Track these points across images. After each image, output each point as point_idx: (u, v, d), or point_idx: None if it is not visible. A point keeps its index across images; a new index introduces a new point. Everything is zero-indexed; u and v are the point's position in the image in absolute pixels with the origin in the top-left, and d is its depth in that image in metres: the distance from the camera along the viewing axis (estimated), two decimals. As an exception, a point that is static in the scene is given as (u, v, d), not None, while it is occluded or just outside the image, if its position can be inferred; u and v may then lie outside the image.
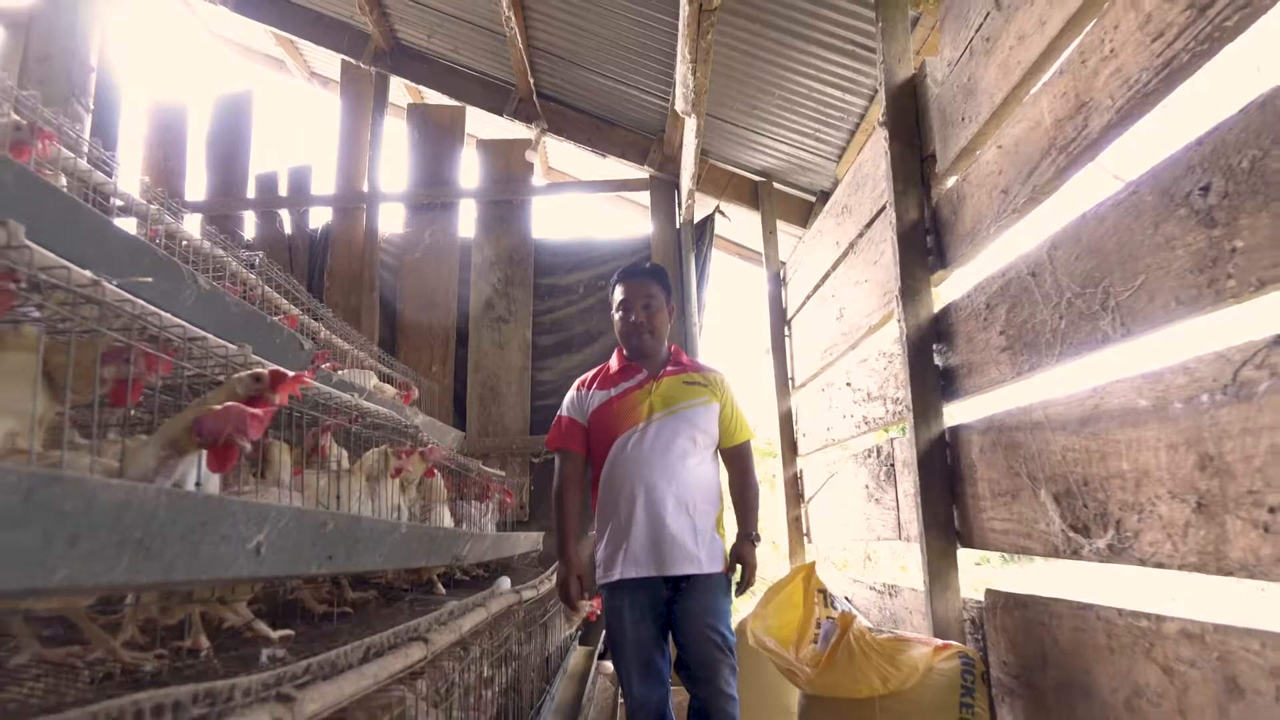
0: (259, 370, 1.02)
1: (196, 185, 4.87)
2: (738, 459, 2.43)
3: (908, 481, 2.49)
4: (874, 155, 2.78)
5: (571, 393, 2.46)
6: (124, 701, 0.58)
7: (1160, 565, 1.39)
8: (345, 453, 1.90)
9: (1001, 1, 1.92)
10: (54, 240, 0.99)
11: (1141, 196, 1.43)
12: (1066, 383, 1.69)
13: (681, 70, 3.00)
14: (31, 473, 0.59)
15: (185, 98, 5.08)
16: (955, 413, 2.33)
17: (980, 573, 9.51)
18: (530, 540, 3.51)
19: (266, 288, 2.25)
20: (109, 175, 1.98)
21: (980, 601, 2.11)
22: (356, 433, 1.88)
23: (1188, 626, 1.33)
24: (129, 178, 2.34)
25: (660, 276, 2.45)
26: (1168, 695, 1.38)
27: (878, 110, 2.56)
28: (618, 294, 2.41)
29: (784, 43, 3.37)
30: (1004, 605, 1.98)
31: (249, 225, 4.80)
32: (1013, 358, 1.90)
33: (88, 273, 0.92)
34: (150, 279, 0.92)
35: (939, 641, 1.99)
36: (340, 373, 2.73)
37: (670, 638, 2.23)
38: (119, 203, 2.12)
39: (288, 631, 1.31)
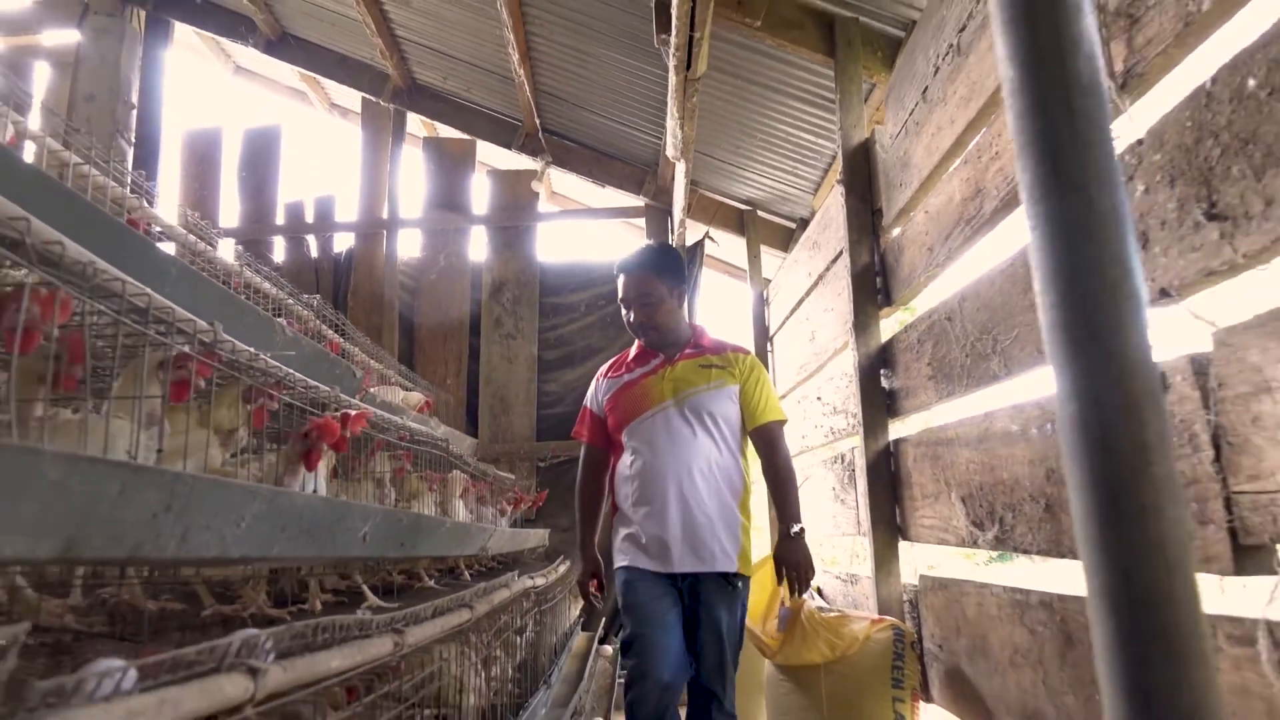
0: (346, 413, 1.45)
1: (230, 211, 5.31)
2: (765, 442, 2.26)
3: (864, 485, 2.93)
4: (836, 202, 3.22)
5: (592, 384, 2.42)
6: (325, 620, 1.01)
7: (1026, 552, 1.82)
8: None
9: (927, 96, 2.36)
10: (197, 310, 1.42)
11: (1016, 268, 1.86)
12: (971, 409, 2.12)
13: (671, 125, 3.44)
14: (273, 489, 1.03)
15: (217, 125, 5.51)
16: (899, 427, 2.76)
17: (966, 566, 9.93)
18: (538, 536, 3.95)
19: (322, 326, 2.68)
20: (151, 205, 2.40)
21: (916, 585, 2.55)
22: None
23: (1043, 597, 1.77)
24: (169, 206, 2.74)
25: (658, 265, 2.27)
26: (1033, 650, 1.81)
27: (842, 160, 3.00)
28: (618, 288, 2.30)
29: (763, 95, 3.80)
30: (931, 587, 2.41)
31: (278, 249, 5.23)
32: (936, 385, 2.33)
33: (250, 349, 1.35)
34: (293, 353, 1.35)
35: (876, 616, 2.43)
36: (372, 390, 3.17)
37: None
38: (158, 229, 2.55)
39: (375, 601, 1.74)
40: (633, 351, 2.37)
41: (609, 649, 4.10)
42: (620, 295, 2.29)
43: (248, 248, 4.99)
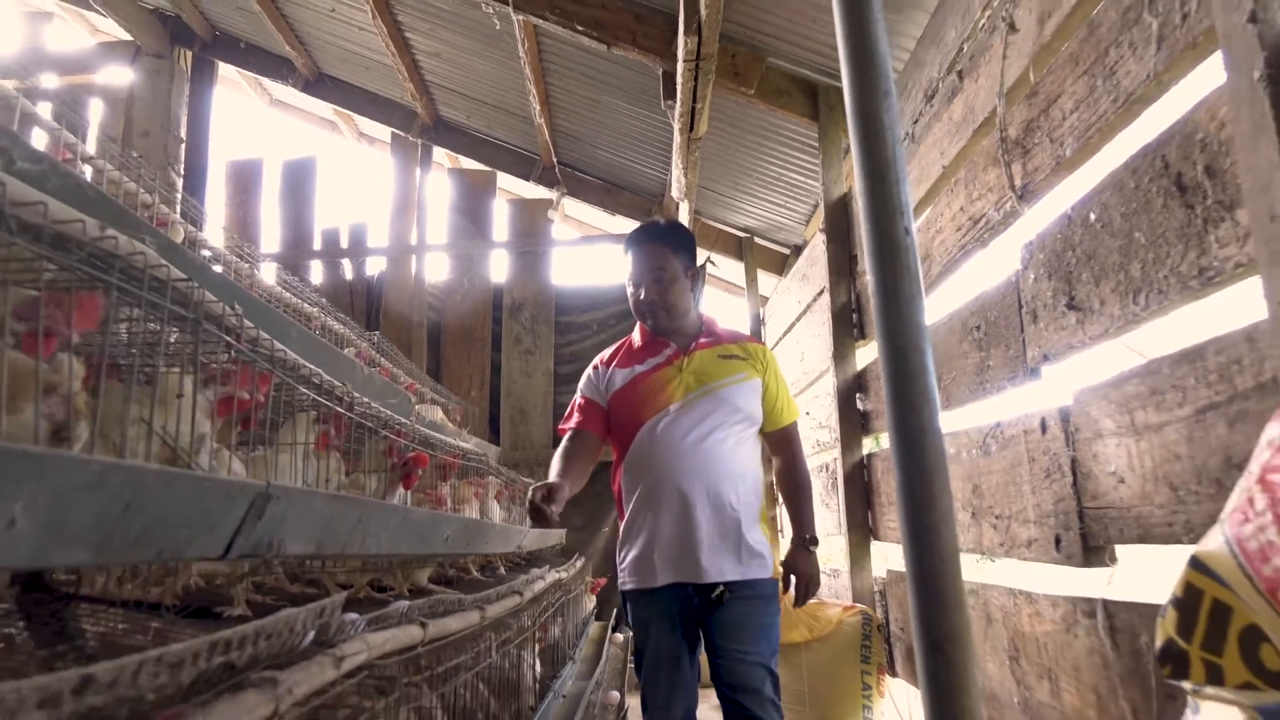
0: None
1: (270, 236, 5.79)
2: (784, 444, 2.13)
3: (842, 492, 3.39)
4: (820, 244, 3.67)
5: (589, 371, 2.17)
6: (440, 597, 1.48)
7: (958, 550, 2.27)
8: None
9: (890, 169, 2.81)
10: (307, 359, 1.88)
11: (953, 324, 2.32)
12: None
13: (676, 173, 3.90)
14: (404, 508, 1.49)
15: (259, 156, 5.99)
16: (871, 443, 3.22)
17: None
18: (557, 536, 4.42)
19: (378, 356, 3.15)
20: (199, 229, 2.86)
21: (884, 577, 3.01)
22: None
23: (970, 585, 2.22)
24: (216, 231, 3.18)
25: (673, 238, 2.08)
26: (965, 628, 2.27)
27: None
28: (627, 263, 2.08)
29: (758, 142, 4.26)
30: (895, 579, 2.87)
31: (316, 272, 5.70)
32: (898, 411, 2.79)
33: (367, 399, 1.82)
34: (395, 400, 1.81)
35: (848, 604, 2.90)
36: (418, 408, 3.63)
37: (702, 647, 2.00)
38: (208, 253, 3.01)
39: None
40: (637, 339, 2.14)
41: (620, 636, 4.57)
42: (629, 272, 2.07)
43: (288, 270, 5.44)
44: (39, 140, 1.78)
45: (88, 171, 1.81)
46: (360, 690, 1.02)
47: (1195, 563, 0.82)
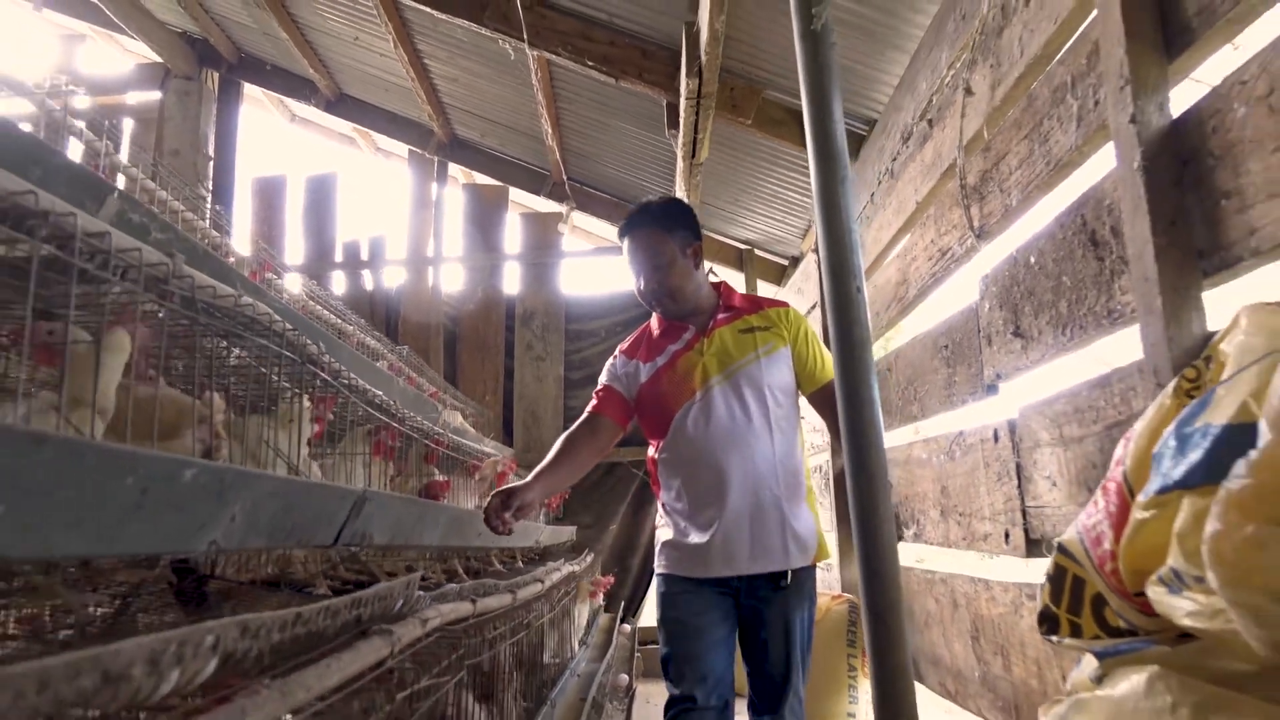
0: (498, 459, 2.20)
1: (294, 249, 6.08)
2: (831, 402, 1.82)
3: (832, 491, 3.67)
4: (814, 261, 3.95)
5: (610, 361, 2.11)
6: (482, 582, 1.77)
7: (930, 543, 2.56)
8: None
9: (874, 199, 3.09)
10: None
11: (927, 342, 2.59)
12: (901, 439, 2.86)
13: (679, 194, 4.18)
14: (449, 507, 1.78)
15: (282, 173, 6.28)
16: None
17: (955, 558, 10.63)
18: (568, 533, 4.71)
19: (404, 366, 3.44)
20: (228, 237, 3.16)
21: (870, 571, 3.29)
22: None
23: (940, 575, 2.51)
24: (242, 243, 3.48)
25: (666, 219, 2.00)
26: (935, 615, 2.55)
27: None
28: (624, 254, 2.01)
29: (755, 162, 4.54)
30: (879, 572, 3.15)
31: (337, 283, 6.00)
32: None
33: (435, 428, 2.10)
34: (434, 414, 2.10)
35: (836, 593, 3.18)
36: (442, 415, 3.92)
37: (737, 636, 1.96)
38: (233, 260, 3.30)
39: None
40: (655, 327, 2.08)
41: (627, 627, 4.87)
42: (628, 262, 2.01)
43: (314, 282, 5.71)
44: (74, 152, 2.04)
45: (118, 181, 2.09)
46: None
47: (1060, 547, 1.10)
